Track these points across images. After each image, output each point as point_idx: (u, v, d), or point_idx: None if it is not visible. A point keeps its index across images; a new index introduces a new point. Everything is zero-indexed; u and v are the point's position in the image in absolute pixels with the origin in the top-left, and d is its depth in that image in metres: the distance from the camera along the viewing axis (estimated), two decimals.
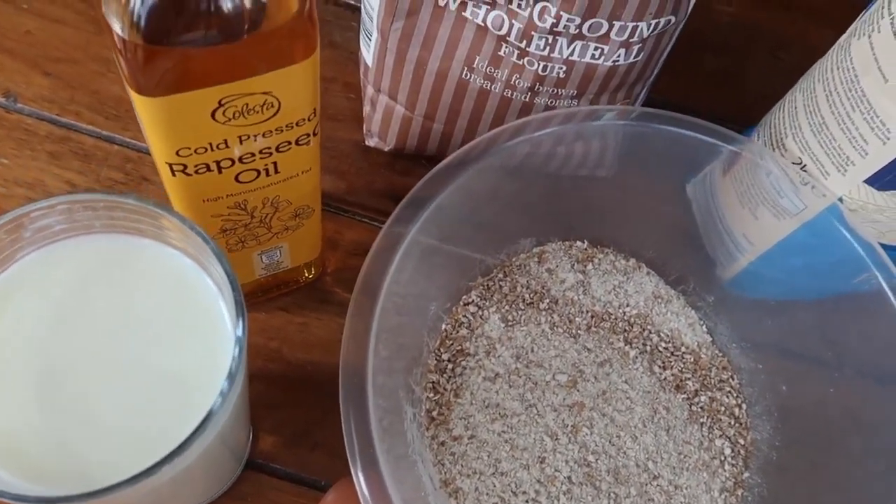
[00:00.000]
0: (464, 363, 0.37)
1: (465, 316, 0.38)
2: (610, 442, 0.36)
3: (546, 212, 0.40)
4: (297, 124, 0.27)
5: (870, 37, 0.32)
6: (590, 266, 0.40)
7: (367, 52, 0.41)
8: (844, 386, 0.36)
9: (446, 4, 0.37)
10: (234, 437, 0.34)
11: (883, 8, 0.32)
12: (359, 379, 0.29)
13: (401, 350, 0.34)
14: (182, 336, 0.26)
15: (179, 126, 0.25)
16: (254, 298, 0.40)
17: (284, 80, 0.25)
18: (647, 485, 0.36)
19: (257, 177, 0.29)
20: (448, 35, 0.38)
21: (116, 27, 0.22)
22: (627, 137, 0.38)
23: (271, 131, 0.27)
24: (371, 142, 0.45)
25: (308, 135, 0.28)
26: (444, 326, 0.38)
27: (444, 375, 0.36)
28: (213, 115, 0.25)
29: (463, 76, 0.39)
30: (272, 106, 0.25)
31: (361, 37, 0.42)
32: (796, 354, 0.38)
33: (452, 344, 0.37)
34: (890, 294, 0.34)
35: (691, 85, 0.52)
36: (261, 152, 0.28)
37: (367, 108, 0.44)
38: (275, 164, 0.29)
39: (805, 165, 0.36)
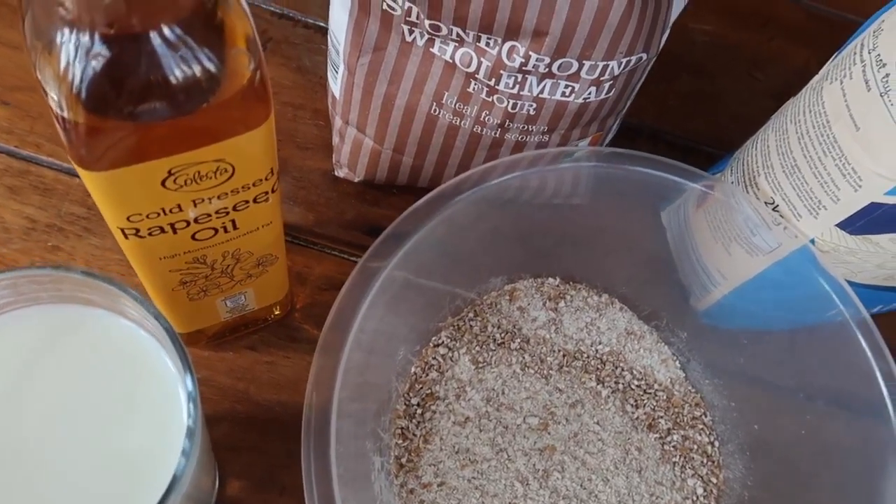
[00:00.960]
0: (433, 407, 0.36)
1: (434, 358, 0.37)
2: (581, 486, 0.36)
3: (517, 249, 0.39)
4: (253, 185, 0.26)
5: (842, 82, 0.32)
6: (562, 303, 0.40)
7: (335, 85, 0.40)
8: (816, 420, 0.36)
9: (413, 40, 0.36)
10: (197, 487, 0.33)
11: (855, 54, 0.31)
12: (321, 429, 0.28)
13: (369, 396, 0.34)
14: (137, 408, 0.25)
15: (127, 195, 0.24)
16: (220, 338, 0.39)
17: (238, 147, 0.24)
18: None
19: (215, 234, 0.28)
20: (416, 71, 0.37)
21: (53, 97, 0.21)
22: (596, 177, 0.38)
23: (227, 193, 0.26)
24: (340, 172, 0.44)
25: (266, 192, 0.28)
26: (413, 369, 0.37)
27: (414, 421, 0.36)
28: (163, 183, 0.24)
29: (432, 111, 0.38)
30: (226, 171, 0.25)
31: (329, 68, 0.41)
32: (769, 390, 0.38)
33: (422, 388, 0.37)
34: (859, 334, 0.33)
35: (667, 107, 0.52)
36: (217, 212, 0.27)
37: (335, 139, 0.43)
38: (233, 221, 0.28)
39: (777, 206, 0.36)
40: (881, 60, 0.29)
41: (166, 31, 0.20)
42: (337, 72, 0.39)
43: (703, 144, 0.50)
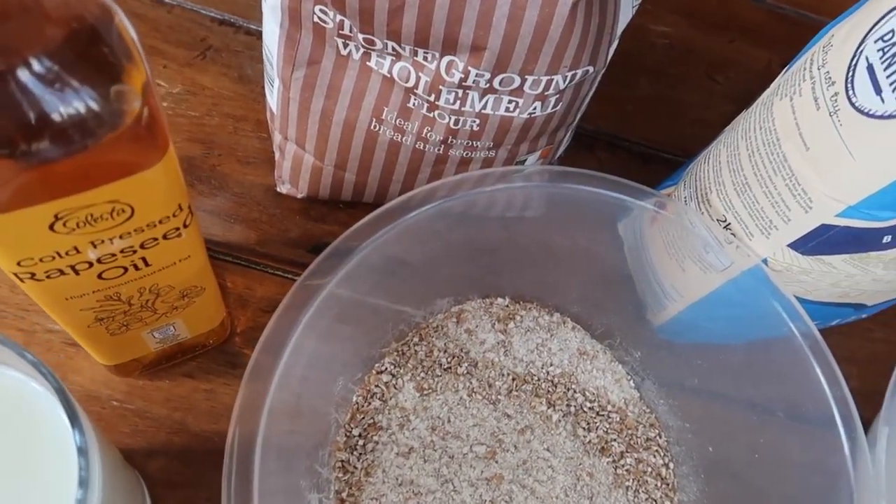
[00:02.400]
0: (376, 438, 0.35)
1: (377, 386, 0.36)
2: None
3: (465, 269, 0.38)
4: (159, 222, 0.25)
5: (791, 99, 0.30)
6: (511, 324, 0.38)
7: (272, 99, 0.38)
8: (770, 439, 0.35)
9: (349, 54, 0.34)
10: None
11: (805, 69, 0.30)
12: (244, 466, 0.27)
13: (304, 428, 0.32)
14: (35, 462, 0.24)
15: (13, 241, 0.22)
16: (156, 366, 0.38)
17: (133, 187, 0.22)
18: None
19: (125, 273, 0.26)
20: (353, 85, 0.35)
21: None
22: (546, 195, 0.36)
23: (129, 233, 0.24)
24: (283, 188, 0.42)
25: (178, 229, 0.26)
26: (354, 399, 0.35)
27: (355, 453, 0.34)
28: (51, 227, 0.22)
29: (372, 127, 0.36)
30: (123, 212, 0.23)
31: (266, 81, 0.39)
32: (723, 410, 0.37)
33: (363, 418, 0.35)
34: (810, 354, 0.32)
35: (625, 112, 0.50)
36: (122, 251, 0.25)
37: (276, 154, 0.41)
38: (143, 259, 0.26)
39: (729, 224, 0.34)
40: (830, 78, 0.28)
41: (35, 65, 0.18)
42: (273, 86, 0.37)
43: (662, 151, 0.49)
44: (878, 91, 0.26)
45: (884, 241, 0.30)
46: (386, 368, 0.36)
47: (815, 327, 0.33)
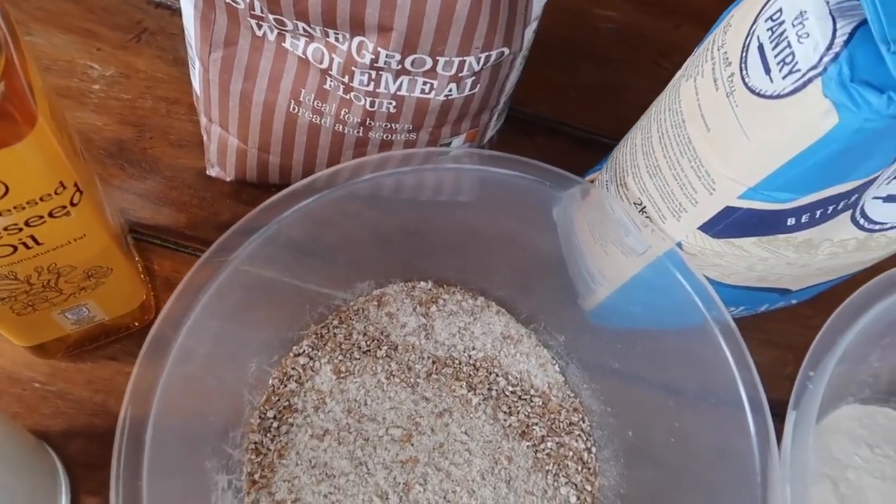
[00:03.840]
0: (290, 420, 0.35)
1: (294, 368, 0.36)
2: (444, 498, 0.35)
3: (387, 251, 0.37)
4: (41, 200, 0.25)
5: (695, 80, 0.30)
6: (434, 308, 0.38)
7: (195, 81, 0.38)
8: (685, 423, 0.35)
9: (264, 35, 0.34)
10: None
11: (708, 50, 0.30)
12: (135, 448, 0.27)
13: (210, 409, 0.32)
14: None
15: None
16: (79, 347, 0.38)
17: (2, 163, 0.22)
18: None
19: (14, 251, 0.26)
20: (270, 67, 0.35)
21: None
22: (470, 178, 0.36)
23: (10, 210, 0.24)
24: (212, 172, 0.42)
25: (64, 207, 0.26)
26: (271, 381, 0.35)
27: (269, 435, 0.34)
28: None
29: (291, 110, 0.36)
30: None
31: (189, 63, 0.39)
32: (641, 394, 0.37)
33: (279, 400, 0.35)
34: (721, 339, 0.32)
35: (567, 98, 0.50)
36: (6, 229, 0.25)
37: (204, 137, 0.41)
38: (32, 237, 0.26)
39: (645, 207, 0.34)
40: (727, 59, 0.28)
41: None
42: (195, 67, 0.37)
43: (603, 136, 0.49)
44: (767, 70, 0.26)
45: (788, 223, 0.30)
46: (304, 351, 0.36)
47: (726, 310, 0.33)
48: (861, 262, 0.36)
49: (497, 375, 0.38)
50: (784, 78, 0.25)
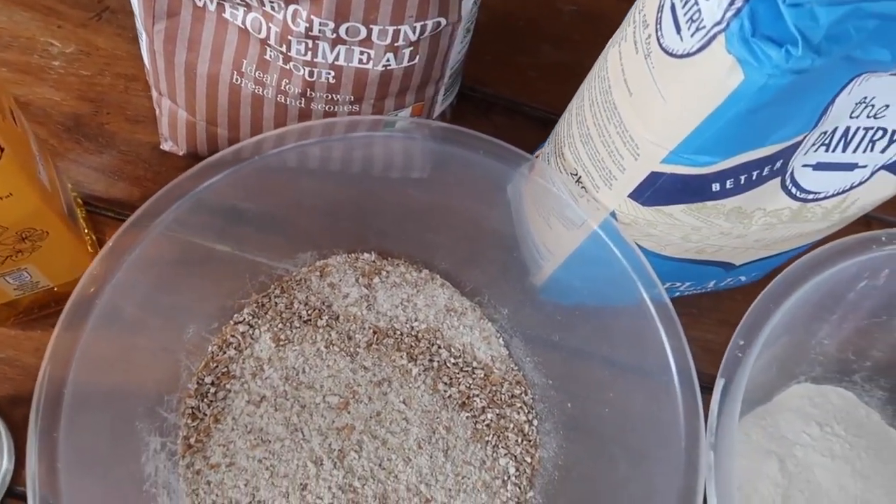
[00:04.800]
0: (228, 386, 0.35)
1: (233, 336, 0.36)
2: (380, 466, 0.35)
3: (329, 222, 0.38)
4: None
5: (619, 45, 0.30)
6: (377, 279, 0.38)
7: (144, 53, 0.39)
8: (619, 395, 0.35)
9: (205, 5, 0.34)
10: None
11: (631, 15, 0.30)
12: (52, 409, 0.27)
13: (140, 373, 0.33)
14: None
15: None
16: (29, 315, 0.38)
17: None
18: None
19: None
20: (212, 38, 0.35)
21: None
22: (418, 151, 0.36)
23: None
24: (166, 146, 0.42)
25: None
26: (210, 348, 0.36)
27: (205, 400, 0.35)
28: None
29: (234, 81, 0.36)
30: None
31: (138, 35, 0.39)
32: (579, 366, 0.37)
33: (217, 366, 0.35)
34: (651, 308, 0.32)
35: (526, 78, 0.50)
36: None
37: (156, 111, 0.41)
38: None
39: (580, 177, 0.34)
40: (645, 21, 0.28)
41: None
42: (142, 39, 0.38)
43: (561, 115, 0.48)
44: (678, 29, 0.26)
45: (713, 189, 0.30)
46: (244, 319, 0.37)
47: (658, 279, 0.33)
48: (802, 235, 0.36)
49: (439, 347, 0.38)
50: (692, 35, 0.25)
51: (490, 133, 0.35)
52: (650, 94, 0.28)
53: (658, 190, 0.31)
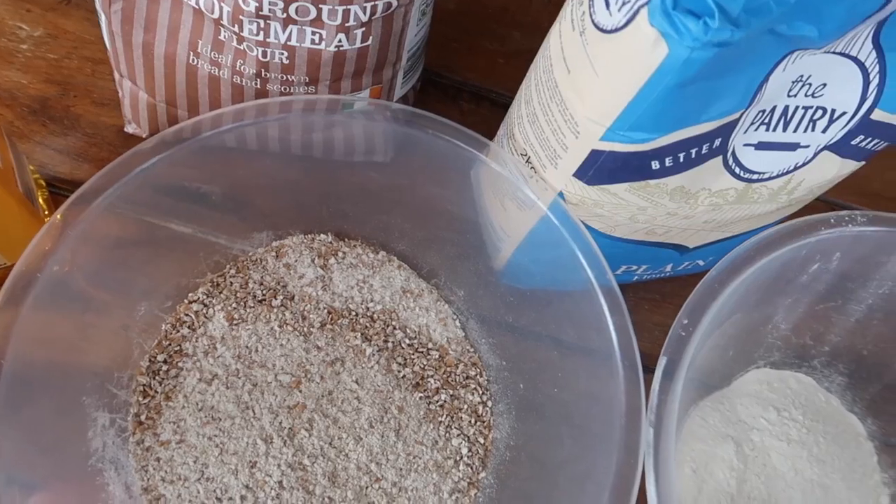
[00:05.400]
0: (180, 364, 0.35)
1: (187, 315, 0.36)
2: (330, 444, 0.35)
3: (286, 202, 0.38)
4: None
5: (560, 24, 0.30)
6: (332, 260, 0.39)
7: (104, 34, 0.39)
8: (566, 375, 0.35)
9: None
10: None
11: None
12: None
13: (88, 350, 0.33)
14: None
15: None
16: None
17: None
18: (367, 487, 0.35)
19: None
20: (168, 18, 0.36)
21: None
22: (379, 133, 0.37)
23: None
24: (129, 128, 0.43)
25: None
26: (163, 326, 0.36)
27: (157, 378, 0.35)
28: None
29: (190, 62, 0.37)
30: None
31: (97, 16, 0.39)
32: (531, 348, 0.37)
33: (170, 344, 0.36)
34: (598, 289, 0.32)
35: (495, 64, 0.50)
36: None
37: (119, 93, 0.42)
38: None
39: (529, 158, 0.34)
40: None
41: None
42: (101, 20, 0.38)
43: None
44: (608, 5, 0.26)
45: (653, 167, 0.30)
46: (199, 298, 0.37)
47: (604, 258, 0.33)
48: (753, 218, 0.36)
49: (395, 328, 0.38)
50: (619, 10, 0.25)
51: (456, 119, 0.35)
52: (586, 72, 0.28)
53: (600, 168, 0.31)
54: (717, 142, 0.30)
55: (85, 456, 0.31)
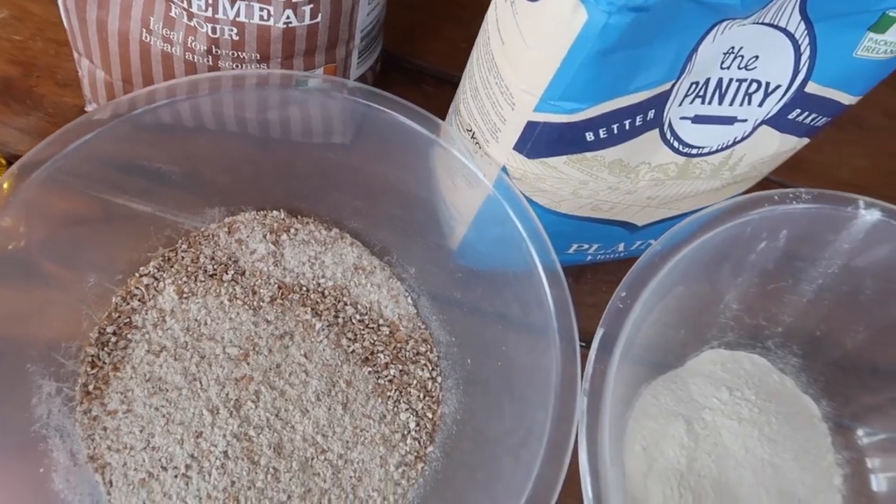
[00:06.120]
0: (129, 336, 0.36)
1: (138, 288, 0.37)
2: (276, 416, 0.35)
3: (236, 178, 0.38)
4: None
5: None
6: (285, 236, 0.39)
7: (61, 11, 0.39)
8: (509, 350, 0.35)
9: None
10: None
11: None
12: None
13: (32, 320, 0.33)
14: None
15: None
16: None
17: None
18: (313, 459, 0.35)
19: None
20: None
21: None
22: (333, 109, 0.37)
23: None
24: (90, 107, 0.43)
25: None
26: (114, 299, 0.37)
27: (106, 349, 0.35)
28: None
29: (143, 38, 0.37)
30: None
31: None
32: (478, 323, 0.37)
33: (120, 317, 0.36)
34: (538, 265, 0.33)
35: (458, 49, 0.50)
36: None
37: (79, 72, 0.42)
38: None
39: (474, 133, 0.35)
40: None
41: None
42: None
43: None
44: None
45: (587, 138, 0.30)
46: (149, 272, 0.37)
47: (545, 232, 0.33)
48: (698, 195, 0.36)
49: (346, 304, 0.39)
50: None
51: (419, 102, 0.36)
52: (517, 42, 0.28)
53: (537, 141, 0.31)
54: (651, 113, 0.30)
55: (28, 422, 0.32)
